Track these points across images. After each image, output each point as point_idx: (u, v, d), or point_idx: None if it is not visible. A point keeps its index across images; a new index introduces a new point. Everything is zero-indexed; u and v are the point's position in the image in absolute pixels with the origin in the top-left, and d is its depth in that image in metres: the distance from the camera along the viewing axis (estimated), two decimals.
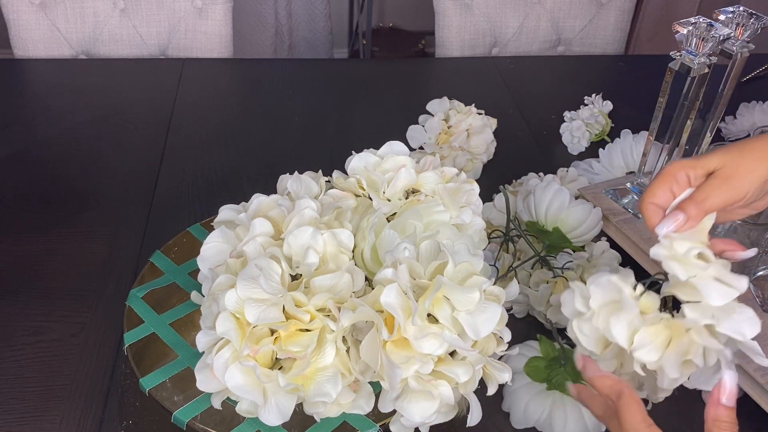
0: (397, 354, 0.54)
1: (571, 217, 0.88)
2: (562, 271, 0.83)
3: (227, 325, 0.55)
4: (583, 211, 0.88)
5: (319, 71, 1.41)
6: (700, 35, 0.79)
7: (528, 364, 0.74)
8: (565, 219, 0.88)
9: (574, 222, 0.88)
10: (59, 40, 1.45)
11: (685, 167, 0.55)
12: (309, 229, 0.59)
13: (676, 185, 0.55)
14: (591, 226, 0.87)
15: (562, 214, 0.88)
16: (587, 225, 0.87)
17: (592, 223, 0.87)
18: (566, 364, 0.74)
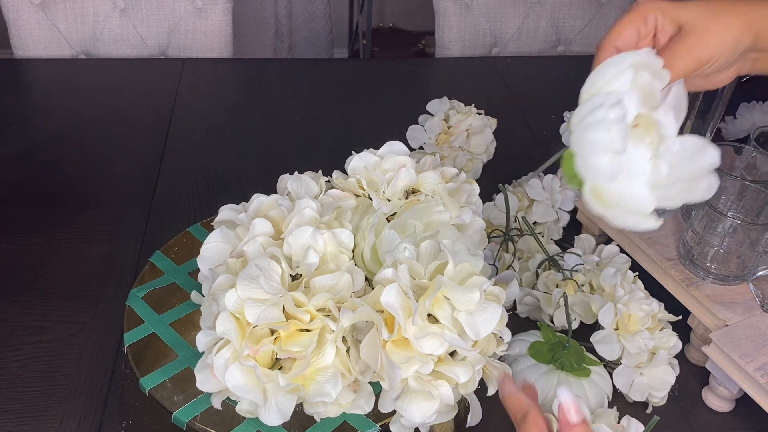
0: (397, 354, 0.54)
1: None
2: (571, 273, 0.83)
3: (227, 325, 0.55)
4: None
5: (319, 71, 1.41)
6: None
7: (532, 347, 0.75)
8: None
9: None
10: (59, 40, 1.45)
11: (657, 9, 0.50)
12: (309, 229, 0.59)
13: (644, 26, 0.51)
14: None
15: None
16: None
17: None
18: (569, 348, 0.74)
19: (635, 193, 0.46)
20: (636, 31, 0.51)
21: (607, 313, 0.75)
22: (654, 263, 0.84)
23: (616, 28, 0.51)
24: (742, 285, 0.80)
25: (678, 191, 0.48)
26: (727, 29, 0.49)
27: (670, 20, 0.51)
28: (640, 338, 0.74)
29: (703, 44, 0.49)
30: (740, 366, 0.71)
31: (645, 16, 0.51)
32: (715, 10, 0.50)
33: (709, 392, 0.78)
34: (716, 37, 0.49)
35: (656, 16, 0.51)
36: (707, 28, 0.49)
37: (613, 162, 0.44)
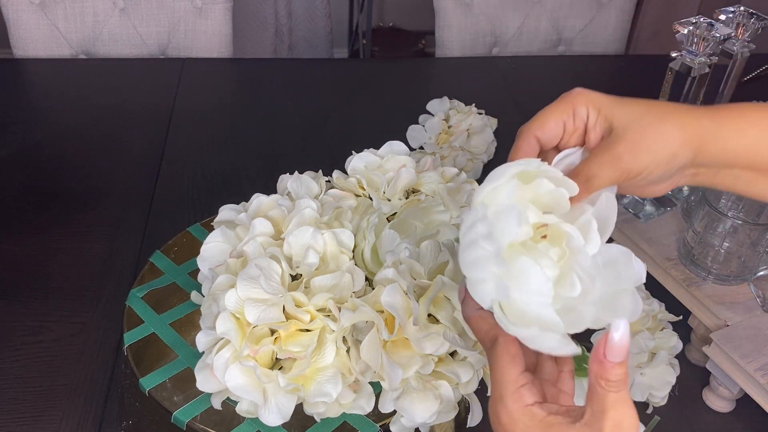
0: (398, 354, 0.54)
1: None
2: None
3: (227, 325, 0.55)
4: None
5: (319, 71, 1.41)
6: (700, 35, 0.79)
7: None
8: None
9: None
10: (59, 40, 1.45)
11: (590, 103, 0.45)
12: (309, 228, 0.59)
13: (572, 120, 0.45)
14: None
15: None
16: None
17: None
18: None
19: (539, 313, 0.41)
20: (562, 123, 0.45)
21: None
22: (655, 263, 0.84)
23: (540, 117, 0.45)
24: (742, 285, 0.79)
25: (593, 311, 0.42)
26: (663, 142, 0.43)
27: (603, 118, 0.45)
28: (640, 338, 0.74)
29: (634, 155, 0.43)
30: (741, 366, 0.71)
31: (575, 108, 0.45)
32: (653, 116, 0.43)
33: (709, 392, 0.78)
34: (650, 150, 0.43)
35: (588, 110, 0.45)
36: (641, 138, 0.43)
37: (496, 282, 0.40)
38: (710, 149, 0.44)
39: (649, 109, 0.44)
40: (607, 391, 0.38)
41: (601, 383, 0.38)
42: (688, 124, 0.43)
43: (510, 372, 0.42)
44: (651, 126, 0.43)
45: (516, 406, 0.42)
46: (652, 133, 0.43)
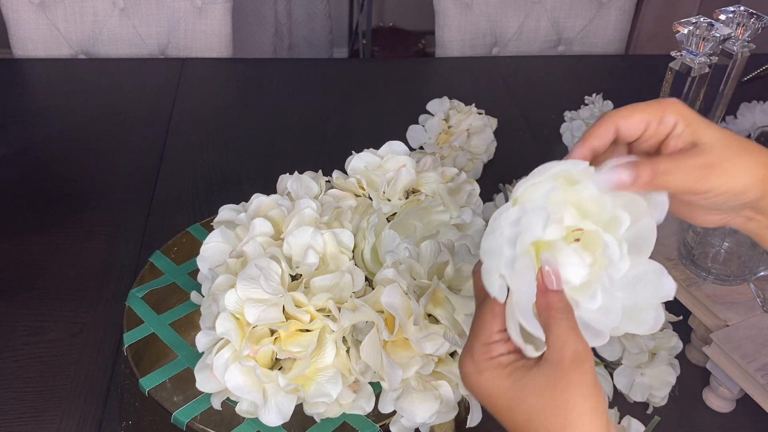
0: (398, 354, 0.54)
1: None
2: None
3: (227, 325, 0.55)
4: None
5: (319, 71, 1.41)
6: (700, 35, 0.79)
7: None
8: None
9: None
10: (59, 40, 1.45)
11: (681, 114, 0.44)
12: (309, 229, 0.59)
13: (657, 124, 0.44)
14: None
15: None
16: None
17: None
18: None
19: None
20: (646, 123, 0.44)
21: None
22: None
23: (628, 109, 0.44)
24: (742, 285, 0.79)
25: (611, 321, 0.43)
26: (742, 172, 0.43)
27: (691, 132, 0.44)
28: (640, 338, 0.74)
29: (711, 171, 0.42)
30: (741, 366, 0.71)
31: (665, 114, 0.44)
32: (739, 145, 0.43)
33: (709, 392, 0.77)
34: (727, 174, 0.43)
35: (677, 120, 0.44)
36: (723, 160, 0.43)
37: (504, 280, 0.41)
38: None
39: (736, 138, 0.44)
40: (560, 319, 0.41)
41: (551, 313, 0.41)
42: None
43: (487, 326, 0.43)
44: (736, 153, 0.43)
45: (483, 357, 0.43)
46: (735, 159, 0.42)
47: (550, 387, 0.40)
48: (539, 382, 0.41)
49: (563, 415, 0.40)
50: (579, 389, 0.40)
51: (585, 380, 0.40)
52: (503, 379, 0.42)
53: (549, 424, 0.40)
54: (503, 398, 0.42)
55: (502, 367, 0.42)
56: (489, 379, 0.42)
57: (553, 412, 0.40)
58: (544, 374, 0.41)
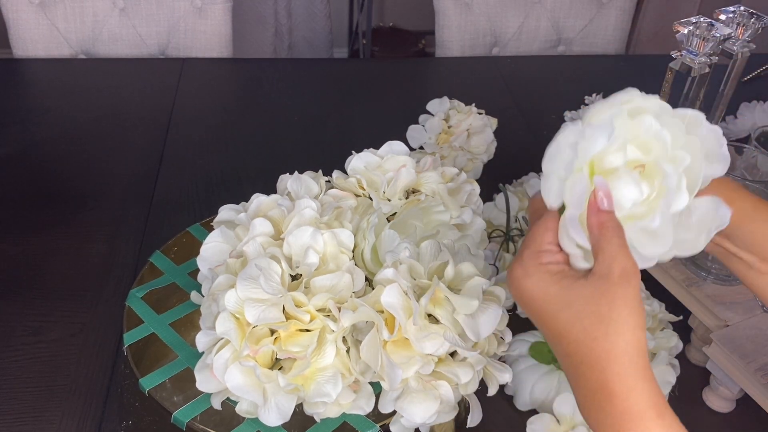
0: (398, 354, 0.54)
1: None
2: None
3: (227, 325, 0.55)
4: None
5: (319, 71, 1.41)
6: (700, 35, 0.79)
7: (532, 347, 0.75)
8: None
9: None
10: (59, 40, 1.45)
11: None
12: (309, 228, 0.59)
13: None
14: None
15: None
16: None
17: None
18: None
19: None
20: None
21: None
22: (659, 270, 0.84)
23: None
24: (742, 285, 0.79)
25: (661, 246, 0.45)
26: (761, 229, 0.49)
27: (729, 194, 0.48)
28: None
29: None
30: (741, 366, 0.71)
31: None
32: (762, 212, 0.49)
33: (709, 392, 0.77)
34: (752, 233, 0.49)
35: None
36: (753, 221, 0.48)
37: (560, 185, 0.43)
38: (741, 229, 0.48)
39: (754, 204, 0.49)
40: (611, 237, 0.42)
41: (603, 231, 0.42)
42: (732, 202, 0.46)
43: (539, 237, 0.44)
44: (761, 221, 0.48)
45: (532, 262, 0.44)
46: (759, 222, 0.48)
47: (597, 297, 0.41)
48: (587, 291, 0.42)
49: (607, 324, 0.41)
50: (624, 302, 0.41)
51: (631, 295, 0.41)
52: (551, 284, 0.43)
53: (592, 331, 0.41)
54: (549, 303, 0.43)
55: (551, 273, 0.43)
56: (536, 283, 0.43)
57: (598, 320, 0.41)
58: (592, 285, 0.42)
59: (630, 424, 0.41)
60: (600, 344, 0.41)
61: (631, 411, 0.41)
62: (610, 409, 0.41)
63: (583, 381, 0.43)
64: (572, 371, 0.43)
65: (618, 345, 0.41)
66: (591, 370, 0.42)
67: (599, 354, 0.41)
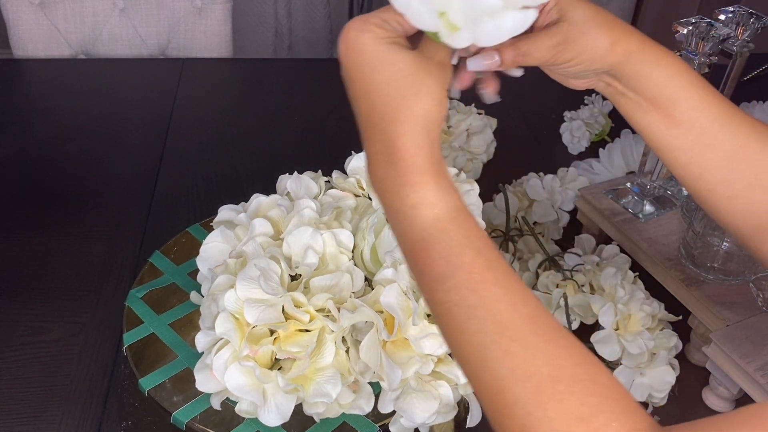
0: (397, 354, 0.54)
1: None
2: (571, 273, 0.83)
3: (227, 325, 0.55)
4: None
5: (319, 71, 1.41)
6: (700, 35, 0.79)
7: None
8: None
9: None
10: (59, 40, 1.45)
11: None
12: (309, 229, 0.59)
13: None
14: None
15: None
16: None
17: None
18: None
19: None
20: None
21: (607, 314, 0.75)
22: (654, 263, 0.84)
23: None
24: (742, 285, 0.79)
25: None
26: (592, 47, 0.49)
27: (558, 9, 0.50)
28: (640, 338, 0.74)
29: (565, 47, 0.49)
30: (740, 366, 0.71)
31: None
32: (594, 22, 0.50)
33: (709, 392, 0.77)
34: (577, 49, 0.50)
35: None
36: (576, 37, 0.49)
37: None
38: (627, 69, 0.50)
39: (595, 16, 0.50)
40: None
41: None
42: (618, 42, 0.49)
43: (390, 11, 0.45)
44: (588, 30, 0.49)
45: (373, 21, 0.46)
46: (586, 36, 0.49)
47: (417, 65, 0.45)
48: (411, 59, 0.45)
49: (418, 88, 0.44)
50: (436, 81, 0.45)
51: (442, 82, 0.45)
52: (383, 44, 0.45)
53: (404, 89, 0.44)
54: (376, 58, 0.45)
55: (387, 37, 0.45)
56: (370, 39, 0.45)
57: (412, 82, 0.44)
58: (418, 56, 0.45)
59: (413, 177, 0.43)
60: (407, 101, 0.44)
61: (416, 165, 0.43)
62: (397, 162, 0.44)
63: (379, 135, 0.45)
64: (371, 127, 0.46)
65: (422, 107, 0.44)
66: (390, 123, 0.44)
67: (404, 110, 0.44)
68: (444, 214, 0.43)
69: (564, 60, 0.50)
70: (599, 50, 0.49)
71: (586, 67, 0.51)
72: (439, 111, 0.45)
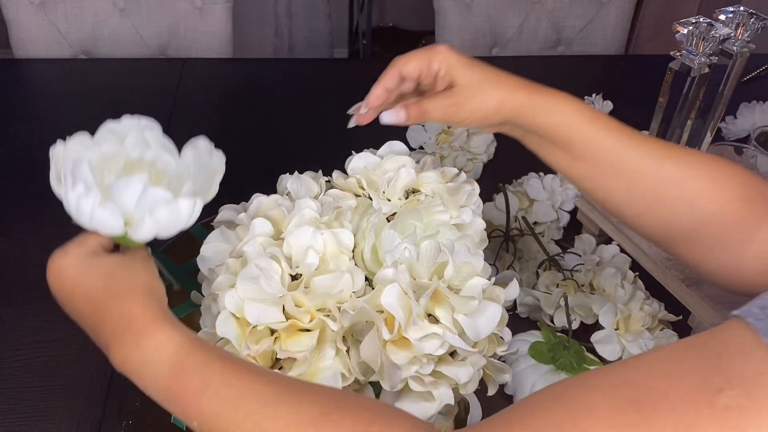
0: (398, 354, 0.54)
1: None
2: (571, 273, 0.83)
3: (227, 325, 0.55)
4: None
5: (319, 71, 1.41)
6: (700, 35, 0.79)
7: (532, 347, 0.75)
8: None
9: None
10: (59, 40, 1.45)
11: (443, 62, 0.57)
12: (309, 229, 0.59)
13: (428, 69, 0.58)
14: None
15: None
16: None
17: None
18: (569, 348, 0.74)
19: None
20: (419, 69, 0.58)
21: (607, 314, 0.75)
22: (654, 263, 0.84)
23: (404, 59, 0.59)
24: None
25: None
26: (484, 106, 0.57)
27: (450, 76, 0.57)
28: (640, 338, 0.74)
29: (459, 108, 0.57)
30: None
31: (431, 62, 0.57)
32: (484, 84, 0.57)
33: None
34: (471, 109, 0.57)
35: (441, 66, 0.57)
36: (469, 98, 0.57)
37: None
38: (521, 120, 0.58)
39: (483, 78, 0.57)
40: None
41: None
42: (505, 100, 0.57)
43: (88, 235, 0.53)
44: (476, 93, 0.57)
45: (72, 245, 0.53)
46: (476, 98, 0.57)
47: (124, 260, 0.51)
48: (116, 258, 0.51)
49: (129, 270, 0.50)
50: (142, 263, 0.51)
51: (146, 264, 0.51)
52: (86, 258, 0.51)
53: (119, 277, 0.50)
54: (81, 269, 0.51)
55: (87, 252, 0.51)
56: (72, 258, 0.52)
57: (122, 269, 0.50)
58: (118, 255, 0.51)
59: (148, 328, 0.48)
60: (122, 281, 0.49)
61: (147, 318, 0.48)
62: (130, 327, 0.48)
63: (109, 318, 0.50)
64: (99, 325, 0.51)
65: (141, 280, 0.50)
66: (114, 304, 0.49)
67: (125, 288, 0.49)
68: (184, 341, 0.47)
69: (460, 119, 0.58)
70: (489, 109, 0.57)
71: (482, 124, 0.58)
72: (158, 283, 0.51)
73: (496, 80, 0.57)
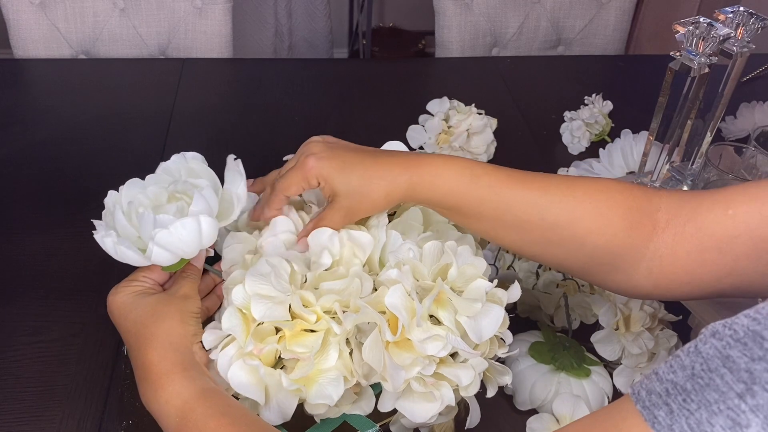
0: (400, 355, 0.54)
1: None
2: None
3: (233, 320, 0.55)
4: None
5: (319, 71, 1.41)
6: (700, 35, 0.79)
7: (532, 347, 0.75)
8: None
9: None
10: (59, 40, 1.45)
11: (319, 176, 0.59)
12: (327, 230, 0.59)
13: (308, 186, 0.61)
14: None
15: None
16: None
17: None
18: (569, 348, 0.74)
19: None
20: (301, 189, 0.61)
21: (607, 314, 0.75)
22: None
23: (286, 181, 0.61)
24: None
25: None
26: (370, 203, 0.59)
27: (329, 187, 0.59)
28: (640, 338, 0.74)
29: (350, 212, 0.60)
30: None
31: (308, 179, 0.59)
32: (364, 186, 0.58)
33: None
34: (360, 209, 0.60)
35: (318, 179, 0.59)
36: (356, 203, 0.59)
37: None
38: (413, 200, 0.60)
39: (360, 178, 0.59)
40: (184, 278, 0.61)
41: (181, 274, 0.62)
42: (391, 192, 0.58)
43: (138, 272, 0.63)
44: (363, 195, 0.59)
45: (122, 284, 0.61)
46: (365, 200, 0.59)
47: (155, 301, 0.59)
48: (151, 299, 0.59)
49: (157, 315, 0.57)
50: (178, 309, 0.58)
51: (186, 308, 0.58)
52: (130, 297, 0.59)
53: (146, 320, 0.57)
54: (126, 308, 0.59)
55: (132, 291, 0.60)
56: (120, 297, 0.60)
57: (152, 314, 0.58)
58: (158, 296, 0.60)
59: (160, 380, 0.54)
60: (148, 329, 0.56)
61: (161, 371, 0.54)
62: (148, 376, 0.54)
63: (136, 363, 0.56)
64: (133, 362, 0.57)
65: (163, 329, 0.56)
66: (139, 349, 0.56)
67: (147, 336, 0.56)
68: (190, 397, 0.53)
69: (353, 219, 0.60)
70: (380, 203, 0.59)
71: (375, 213, 0.61)
72: (181, 327, 0.57)
73: (375, 174, 0.58)
